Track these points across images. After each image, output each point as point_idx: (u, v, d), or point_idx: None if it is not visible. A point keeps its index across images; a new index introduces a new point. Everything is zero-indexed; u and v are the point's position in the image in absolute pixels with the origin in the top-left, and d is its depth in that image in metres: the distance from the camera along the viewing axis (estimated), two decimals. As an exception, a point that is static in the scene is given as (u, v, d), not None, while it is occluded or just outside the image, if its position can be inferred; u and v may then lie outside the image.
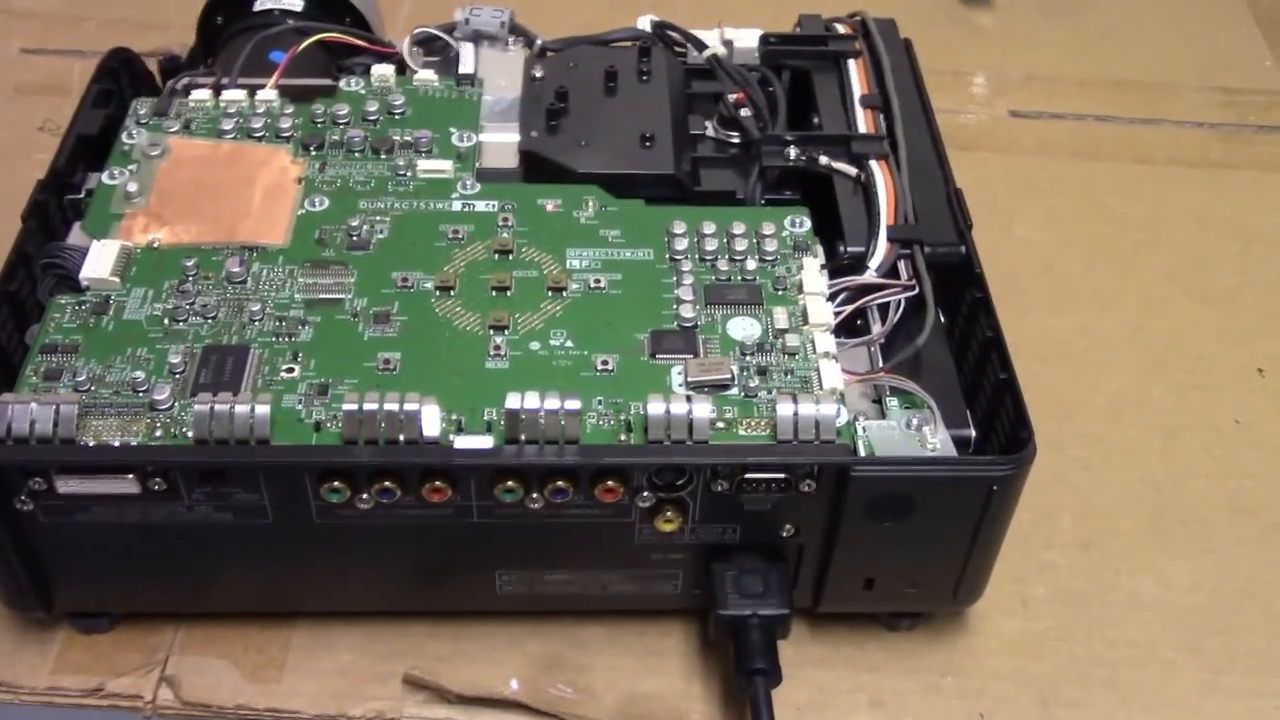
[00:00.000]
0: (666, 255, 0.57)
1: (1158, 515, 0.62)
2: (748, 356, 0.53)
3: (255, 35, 0.68)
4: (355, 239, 0.57)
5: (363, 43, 0.69)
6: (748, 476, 0.49)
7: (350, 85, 0.65)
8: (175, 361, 0.52)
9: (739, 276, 0.56)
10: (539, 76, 0.66)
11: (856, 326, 0.57)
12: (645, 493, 0.50)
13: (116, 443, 0.49)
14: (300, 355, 0.52)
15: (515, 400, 0.48)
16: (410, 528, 0.51)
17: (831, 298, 0.56)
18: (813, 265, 0.56)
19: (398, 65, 0.68)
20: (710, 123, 0.66)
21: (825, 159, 0.62)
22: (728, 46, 0.69)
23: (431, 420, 0.49)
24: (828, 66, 0.68)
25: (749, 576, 0.52)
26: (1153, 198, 0.80)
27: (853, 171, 0.61)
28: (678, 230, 0.58)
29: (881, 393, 0.54)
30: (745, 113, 0.65)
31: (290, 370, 0.52)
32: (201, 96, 0.64)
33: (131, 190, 0.59)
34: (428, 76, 0.66)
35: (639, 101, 0.65)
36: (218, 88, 0.65)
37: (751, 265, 0.56)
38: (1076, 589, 0.59)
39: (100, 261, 0.55)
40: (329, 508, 0.50)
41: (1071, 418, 0.66)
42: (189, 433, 0.49)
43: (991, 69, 0.90)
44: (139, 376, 0.51)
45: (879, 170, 0.61)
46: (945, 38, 0.92)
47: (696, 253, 0.57)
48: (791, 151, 0.62)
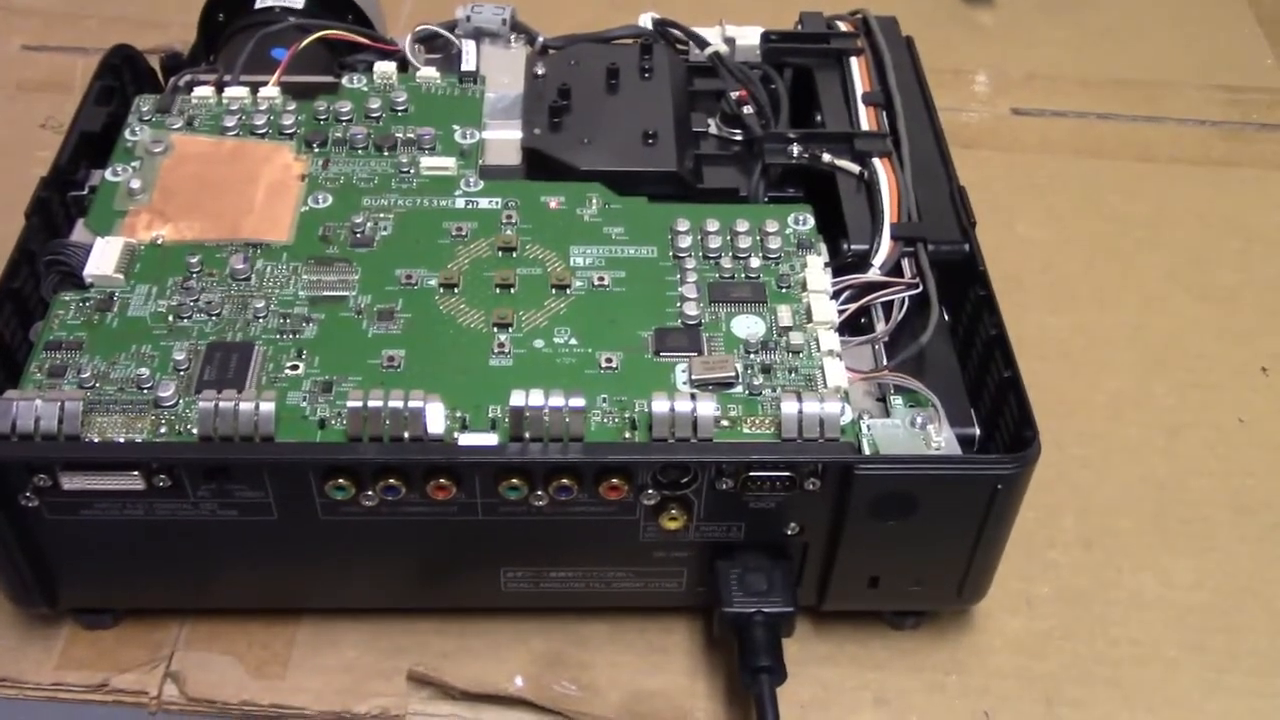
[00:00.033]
0: (670, 253, 0.57)
1: (1160, 514, 0.62)
2: (752, 354, 0.53)
3: (257, 32, 0.68)
4: (359, 236, 0.57)
5: (365, 40, 0.69)
6: (752, 474, 0.49)
7: (353, 82, 0.65)
8: (180, 358, 0.52)
9: (743, 274, 0.56)
10: (541, 74, 0.66)
11: (860, 324, 0.57)
12: (650, 490, 0.50)
13: (121, 439, 0.49)
14: (304, 352, 0.52)
15: (520, 398, 0.48)
16: (415, 525, 0.51)
17: (835, 295, 0.56)
18: (816, 263, 0.56)
19: (400, 62, 0.68)
20: (712, 120, 0.66)
21: (828, 156, 0.62)
22: (729, 44, 0.69)
23: (436, 418, 0.49)
24: (830, 64, 0.68)
25: (753, 574, 0.52)
26: (1154, 196, 0.80)
27: (856, 169, 0.61)
28: (681, 228, 0.58)
29: (886, 391, 0.54)
30: (747, 110, 0.65)
31: (295, 367, 0.52)
32: (204, 93, 0.64)
33: (135, 187, 0.59)
34: (430, 74, 0.66)
35: (641, 99, 0.65)
36: (220, 85, 0.65)
37: (755, 263, 0.56)
38: (1079, 588, 0.59)
39: (104, 258, 0.55)
40: (333, 505, 0.50)
41: (1071, 416, 0.66)
42: (194, 430, 0.49)
43: (993, 67, 0.90)
44: (143, 373, 0.51)
45: (882, 168, 0.61)
46: (946, 36, 0.92)
47: (700, 250, 0.57)
48: (794, 149, 0.62)
